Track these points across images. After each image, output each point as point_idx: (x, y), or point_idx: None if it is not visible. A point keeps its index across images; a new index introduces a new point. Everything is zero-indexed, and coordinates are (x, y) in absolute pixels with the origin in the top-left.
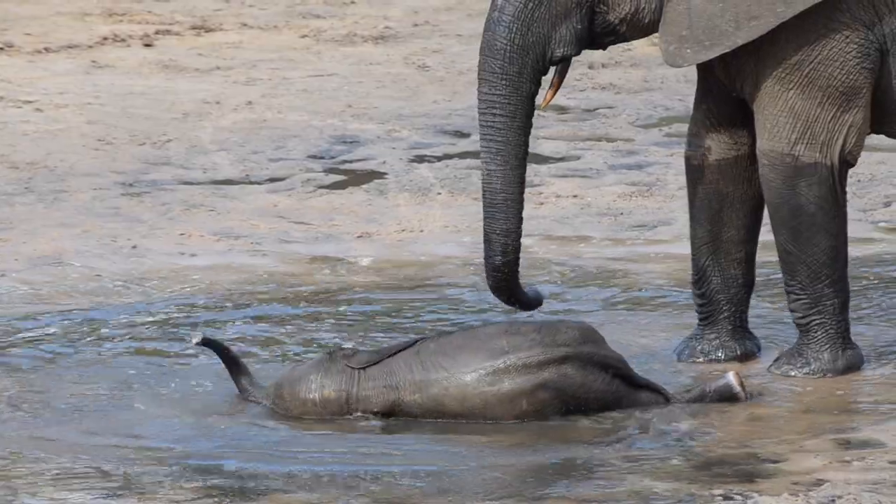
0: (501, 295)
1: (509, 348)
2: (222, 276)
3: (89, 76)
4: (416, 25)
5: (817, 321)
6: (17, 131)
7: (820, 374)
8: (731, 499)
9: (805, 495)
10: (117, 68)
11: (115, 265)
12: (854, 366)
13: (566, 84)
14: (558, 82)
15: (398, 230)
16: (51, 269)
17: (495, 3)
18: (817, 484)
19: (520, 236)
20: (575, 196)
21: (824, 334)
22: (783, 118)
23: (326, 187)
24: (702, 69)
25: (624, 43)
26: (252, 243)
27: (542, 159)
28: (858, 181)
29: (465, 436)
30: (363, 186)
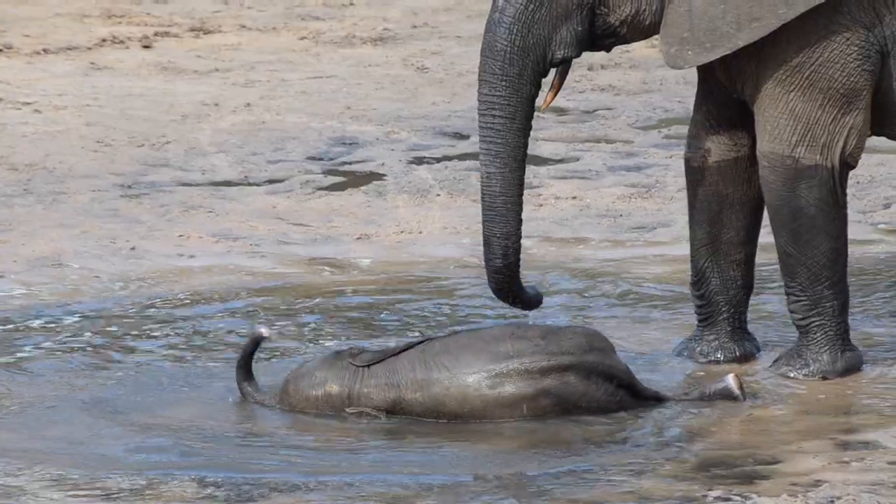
0: (503, 296)
1: (513, 352)
2: (221, 277)
3: (88, 78)
4: (414, 27)
5: (817, 323)
6: (16, 133)
7: (819, 376)
8: (730, 499)
9: (804, 496)
10: (116, 70)
11: (114, 266)
12: (853, 367)
13: (565, 85)
14: (559, 84)
15: (397, 232)
16: (50, 271)
17: (496, 5)
18: (816, 485)
19: (520, 238)
20: (574, 198)
21: (824, 336)
22: (784, 120)
23: (325, 189)
24: (702, 71)
25: (624, 45)
26: (251, 245)
27: (541, 161)
28: (858, 183)
29: (464, 436)
30: (362, 188)
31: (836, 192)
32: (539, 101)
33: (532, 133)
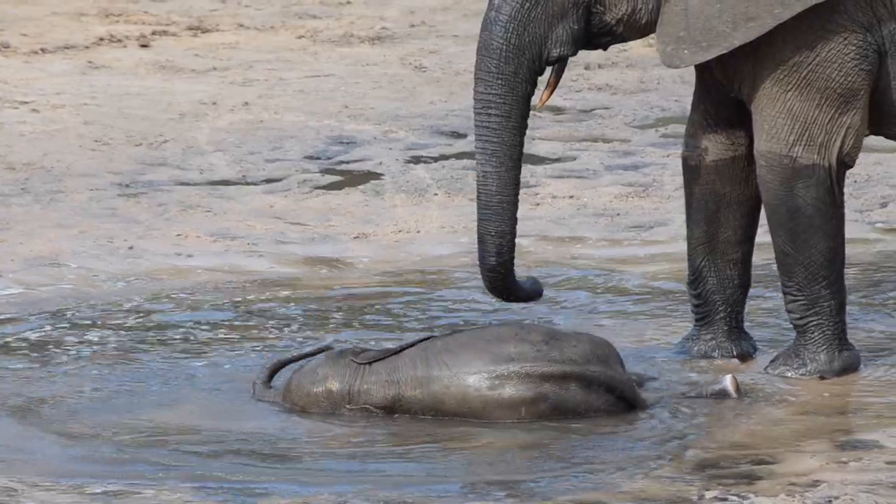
0: (498, 294)
1: (515, 355)
2: (218, 276)
3: (86, 77)
4: (412, 26)
5: (814, 322)
6: (14, 132)
7: (817, 375)
8: (728, 500)
9: (801, 496)
10: (114, 69)
11: (112, 266)
12: (851, 367)
13: (562, 85)
14: (554, 82)
15: (395, 231)
16: (47, 270)
17: (492, 3)
18: (814, 485)
19: (514, 237)
20: (571, 197)
21: (821, 335)
22: (781, 119)
23: (323, 188)
24: (700, 70)
25: (621, 43)
26: (248, 244)
27: (538, 160)
28: (855, 182)
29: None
30: (360, 187)
31: (833, 192)
32: (535, 100)
33: (529, 132)
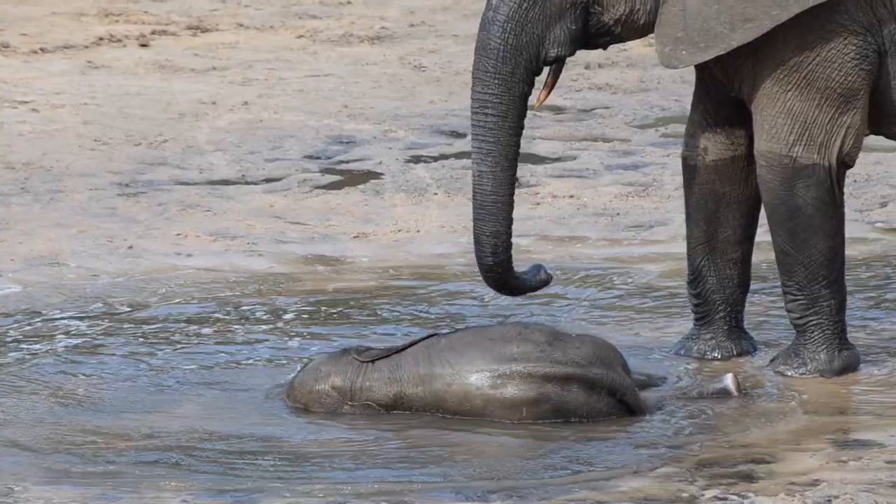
0: (500, 291)
1: (518, 355)
2: (218, 276)
3: (85, 76)
4: (412, 26)
5: (814, 322)
6: (13, 132)
7: (816, 375)
8: (728, 499)
9: (801, 495)
10: (113, 69)
11: (112, 265)
12: (851, 366)
13: (563, 84)
14: (552, 82)
15: (394, 230)
16: (47, 270)
17: (490, 3)
18: (814, 484)
19: (510, 237)
20: (571, 196)
21: (821, 335)
22: (781, 119)
23: (323, 187)
24: (700, 70)
25: (619, 43)
26: (248, 244)
27: (538, 159)
28: (855, 181)
29: (462, 434)
30: (359, 187)
31: (833, 192)
32: (532, 100)
33: (529, 131)
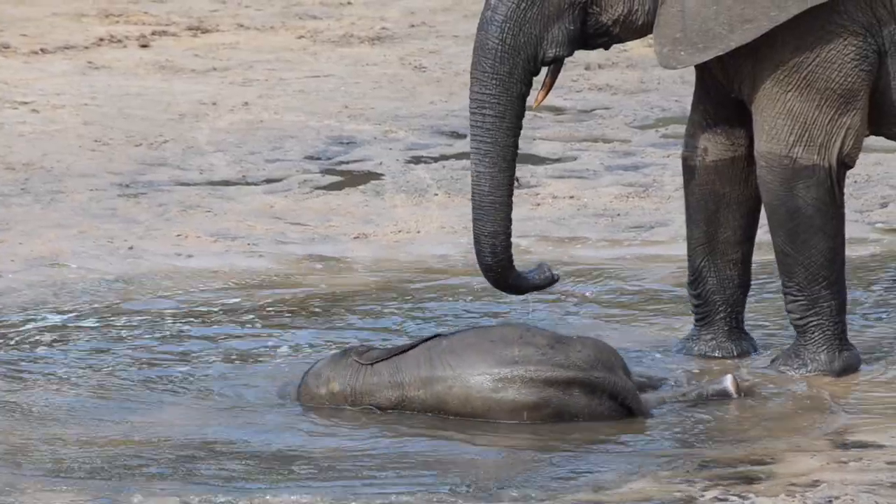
0: (503, 290)
1: (519, 358)
2: (218, 276)
3: (86, 77)
4: (412, 26)
5: (815, 322)
6: (14, 132)
7: (817, 376)
8: (728, 500)
9: (802, 496)
10: (114, 69)
11: (112, 266)
12: (851, 367)
13: (562, 85)
14: (550, 83)
15: (395, 231)
16: (47, 271)
17: (488, 3)
18: (814, 485)
19: (509, 237)
20: (571, 197)
21: (822, 335)
22: (781, 120)
23: (323, 188)
24: (700, 70)
25: (618, 44)
26: (249, 244)
27: (538, 160)
28: (855, 182)
29: (463, 434)
30: (360, 187)
31: (833, 192)
32: (530, 101)
33: (529, 132)
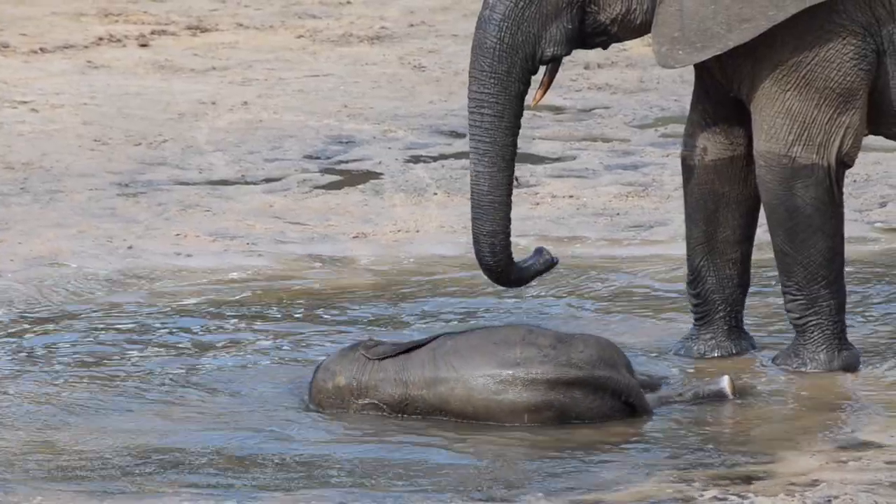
0: (507, 286)
1: (521, 360)
2: (218, 276)
3: (85, 76)
4: (411, 26)
5: (814, 322)
6: (13, 132)
7: (816, 375)
8: (728, 499)
9: (801, 496)
10: (113, 69)
11: (111, 266)
12: (851, 366)
13: (562, 84)
14: (548, 82)
15: (394, 230)
16: (47, 270)
17: (487, 2)
18: (813, 484)
19: (508, 236)
20: (571, 196)
21: (821, 335)
22: (780, 119)
23: (322, 188)
24: (699, 70)
25: (617, 43)
26: (248, 244)
27: (537, 159)
28: (854, 181)
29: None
30: (359, 187)
31: (832, 191)
32: (529, 100)
33: (529, 131)
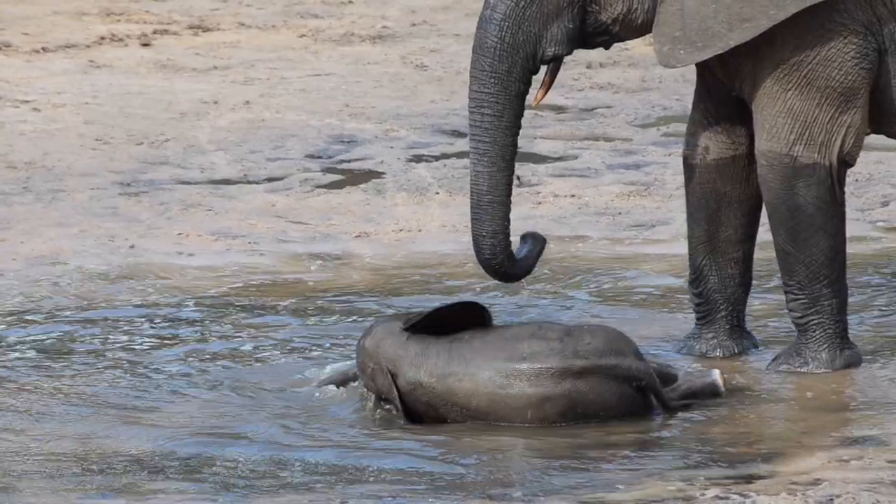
0: (510, 282)
1: (527, 354)
2: (219, 275)
3: (87, 76)
4: (413, 25)
5: (816, 321)
6: (15, 131)
7: (818, 374)
8: (729, 498)
9: (803, 494)
10: (115, 68)
11: (113, 265)
12: (852, 365)
13: (564, 83)
14: (549, 81)
15: (396, 230)
16: (48, 269)
17: (488, 2)
18: (815, 483)
19: (508, 236)
20: (573, 196)
21: (823, 334)
22: (781, 119)
23: (324, 187)
24: (700, 69)
25: (618, 42)
26: (250, 243)
27: (539, 159)
28: (856, 181)
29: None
30: (361, 186)
31: (834, 191)
32: (530, 99)
33: (531, 131)
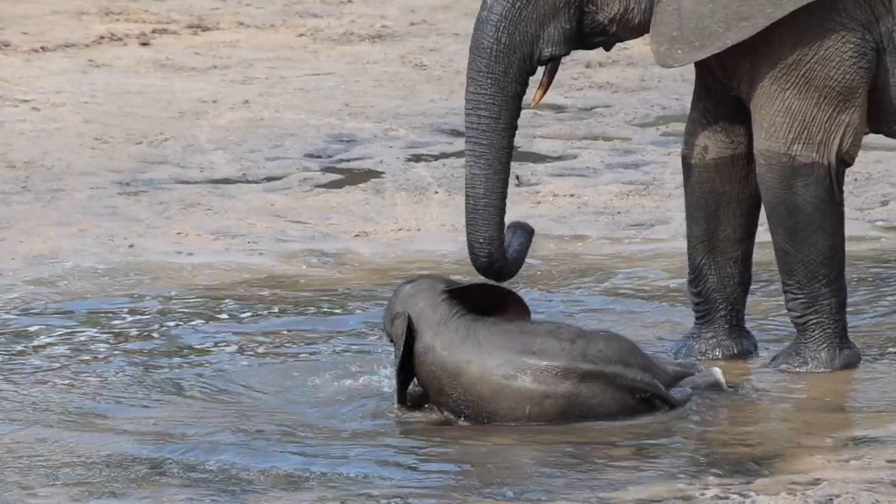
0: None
1: (537, 350)
2: (219, 274)
3: (86, 75)
4: (412, 24)
5: (815, 320)
6: (14, 130)
7: (817, 374)
8: (729, 498)
9: (802, 494)
10: (114, 67)
11: (113, 264)
12: (851, 365)
13: (563, 83)
14: (547, 82)
15: (395, 229)
16: (48, 269)
17: (485, 3)
18: (815, 483)
19: (503, 241)
20: (572, 195)
21: (822, 333)
22: (780, 118)
23: (323, 186)
24: (699, 68)
25: (616, 43)
26: (249, 242)
27: (538, 158)
28: (855, 180)
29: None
30: (360, 185)
31: (832, 190)
32: (528, 99)
33: (530, 130)
